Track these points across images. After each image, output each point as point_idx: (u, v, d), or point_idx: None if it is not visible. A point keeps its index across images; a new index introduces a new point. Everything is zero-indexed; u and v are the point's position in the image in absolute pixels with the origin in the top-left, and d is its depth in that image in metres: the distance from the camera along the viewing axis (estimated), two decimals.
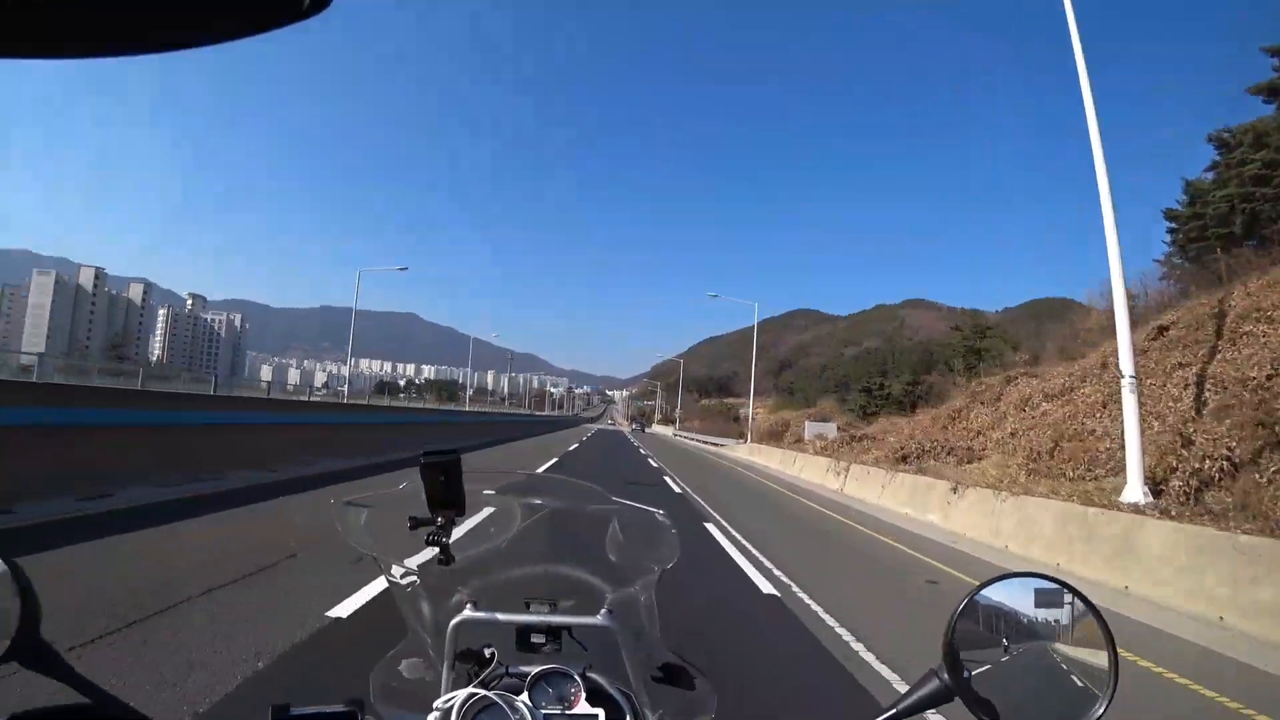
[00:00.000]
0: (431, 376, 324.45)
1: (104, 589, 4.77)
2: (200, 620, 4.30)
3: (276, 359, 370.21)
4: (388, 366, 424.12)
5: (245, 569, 5.48)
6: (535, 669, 1.13)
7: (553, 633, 1.16)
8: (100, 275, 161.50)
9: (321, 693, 2.24)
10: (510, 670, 1.15)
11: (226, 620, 4.32)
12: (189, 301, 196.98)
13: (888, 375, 49.04)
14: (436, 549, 1.15)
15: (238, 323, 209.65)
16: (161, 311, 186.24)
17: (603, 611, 1.17)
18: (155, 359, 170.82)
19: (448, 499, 1.13)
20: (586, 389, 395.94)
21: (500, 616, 1.17)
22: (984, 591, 0.94)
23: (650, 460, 25.59)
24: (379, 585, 4.58)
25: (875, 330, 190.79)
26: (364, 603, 4.67)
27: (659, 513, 1.28)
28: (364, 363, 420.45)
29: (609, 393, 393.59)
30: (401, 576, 1.25)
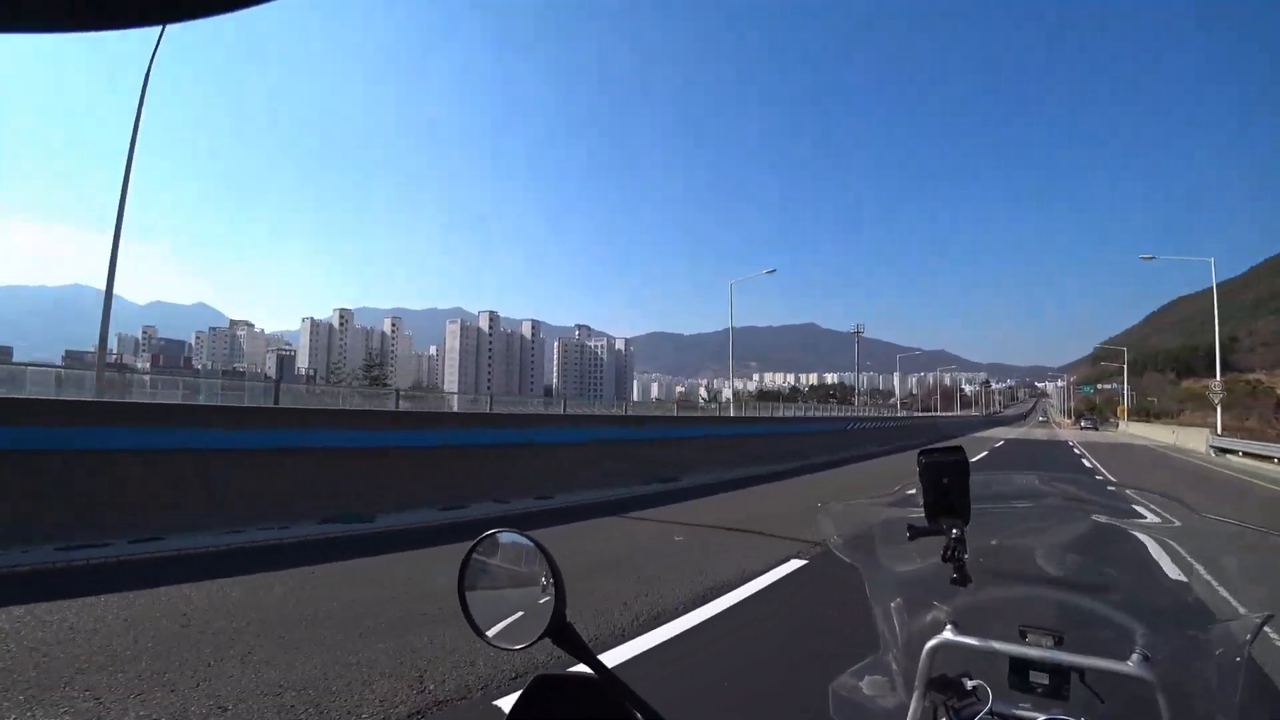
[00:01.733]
0: (834, 382, 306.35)
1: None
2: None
3: (687, 380, 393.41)
4: (790, 378, 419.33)
5: None
6: (1034, 716, 0.90)
7: (1059, 673, 0.90)
8: (494, 317, 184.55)
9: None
10: (996, 711, 0.91)
11: None
12: (576, 333, 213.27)
13: None
14: (949, 566, 0.97)
15: (621, 347, 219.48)
16: (555, 344, 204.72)
17: (1134, 656, 0.87)
18: (553, 385, 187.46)
19: (952, 505, 0.96)
20: (1009, 382, 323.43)
21: (994, 644, 0.94)
22: None
23: None
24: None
25: None
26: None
27: (1273, 533, 0.98)
28: (767, 375, 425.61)
29: (1039, 385, 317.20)
30: (881, 588, 1.10)
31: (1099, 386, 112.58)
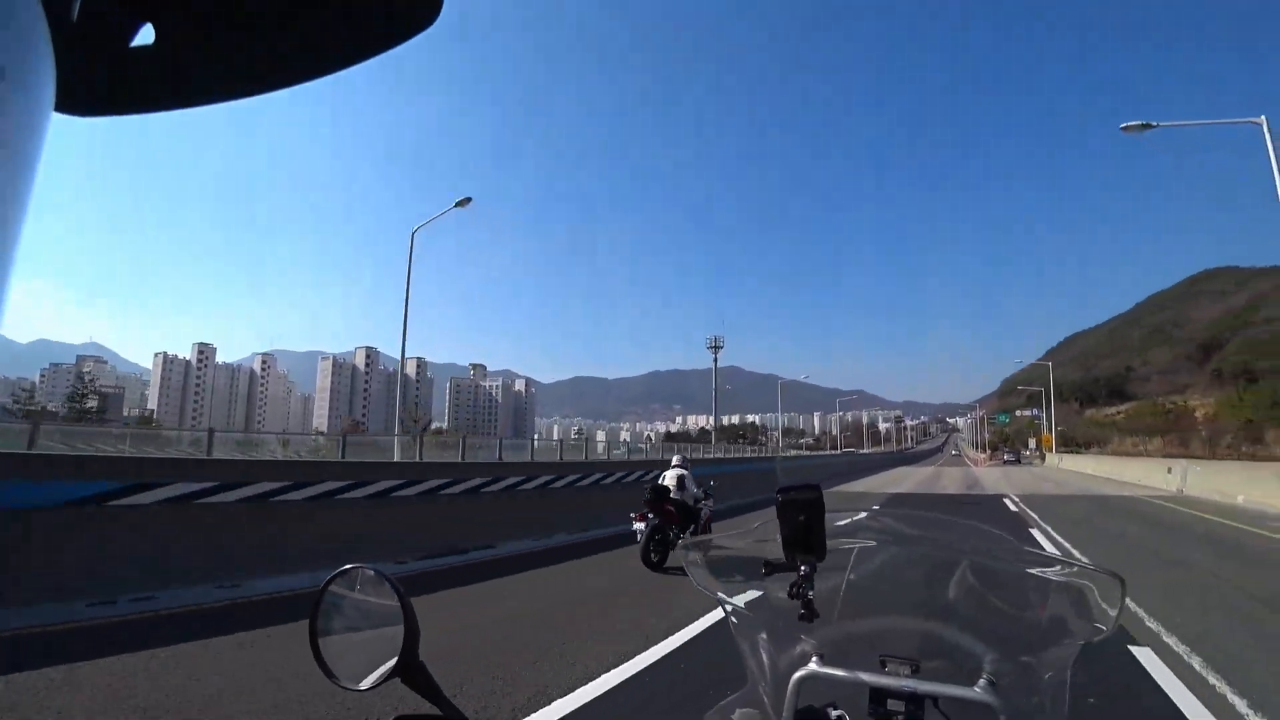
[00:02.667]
0: (756, 422, 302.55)
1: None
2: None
3: (609, 424, 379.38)
4: (709, 419, 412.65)
5: None
6: None
7: (915, 701, 0.94)
8: (372, 354, 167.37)
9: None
10: None
11: None
12: (470, 372, 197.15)
13: None
14: (798, 602, 0.99)
15: (520, 388, 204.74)
16: (447, 384, 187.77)
17: (981, 682, 0.92)
18: (443, 427, 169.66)
19: (807, 543, 0.99)
20: (922, 419, 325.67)
21: (860, 675, 0.97)
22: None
23: None
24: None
25: None
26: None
27: (1103, 571, 1.02)
28: (690, 417, 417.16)
29: (949, 420, 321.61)
30: (745, 622, 1.13)
31: (1018, 413, 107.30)
